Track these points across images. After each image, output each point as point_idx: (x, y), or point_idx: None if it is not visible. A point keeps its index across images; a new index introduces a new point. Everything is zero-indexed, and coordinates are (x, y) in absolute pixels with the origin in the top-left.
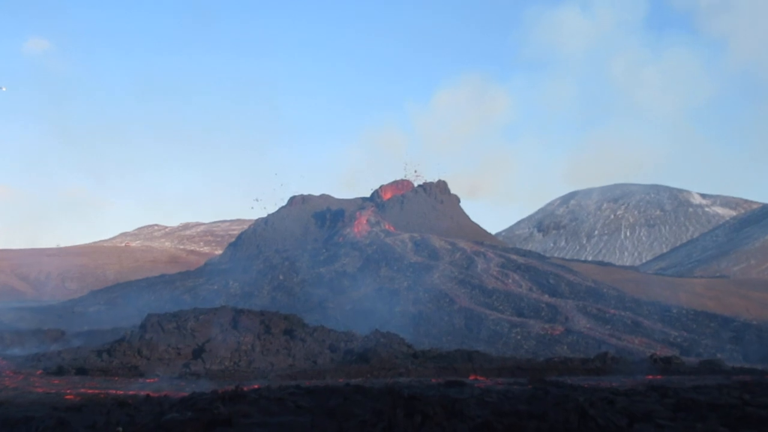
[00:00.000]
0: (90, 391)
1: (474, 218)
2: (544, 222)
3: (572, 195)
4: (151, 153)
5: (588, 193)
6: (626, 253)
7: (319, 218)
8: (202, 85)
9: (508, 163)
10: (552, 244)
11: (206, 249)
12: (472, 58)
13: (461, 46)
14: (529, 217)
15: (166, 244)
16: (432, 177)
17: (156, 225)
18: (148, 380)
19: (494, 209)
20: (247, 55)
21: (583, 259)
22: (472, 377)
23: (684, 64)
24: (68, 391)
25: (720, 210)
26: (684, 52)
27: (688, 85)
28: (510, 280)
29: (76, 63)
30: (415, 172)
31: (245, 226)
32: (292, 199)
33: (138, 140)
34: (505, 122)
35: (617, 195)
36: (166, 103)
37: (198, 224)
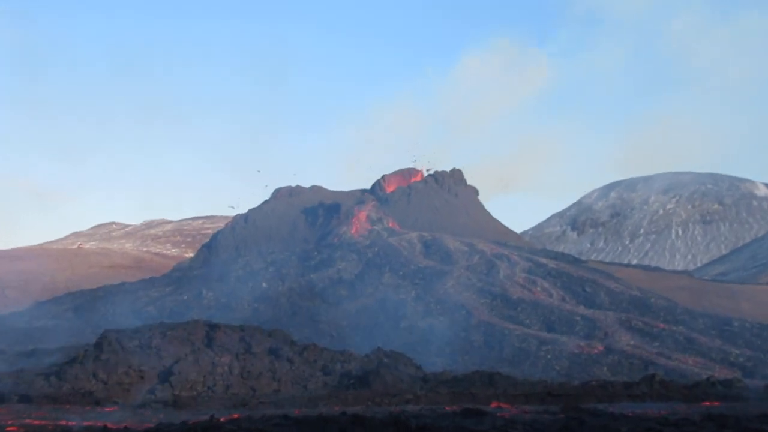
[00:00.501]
0: (36, 422)
1: (496, 214)
2: (579, 218)
3: (613, 186)
4: (112, 135)
5: (632, 183)
6: (678, 256)
7: (309, 214)
8: (182, 56)
9: (545, 148)
10: (589, 245)
11: (174, 251)
12: (504, 18)
13: (490, 2)
14: (562, 213)
15: (127, 245)
16: (454, 165)
17: (114, 223)
18: (105, 409)
19: (521, 203)
20: (236, 17)
21: (626, 262)
22: (493, 405)
23: (759, 29)
24: (10, 423)
25: None
26: (759, 15)
27: (761, 55)
28: (538, 289)
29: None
30: (427, 165)
31: (221, 225)
32: (278, 192)
33: (93, 119)
34: (543, 97)
35: (667, 185)
36: (136, 77)
37: (164, 222)
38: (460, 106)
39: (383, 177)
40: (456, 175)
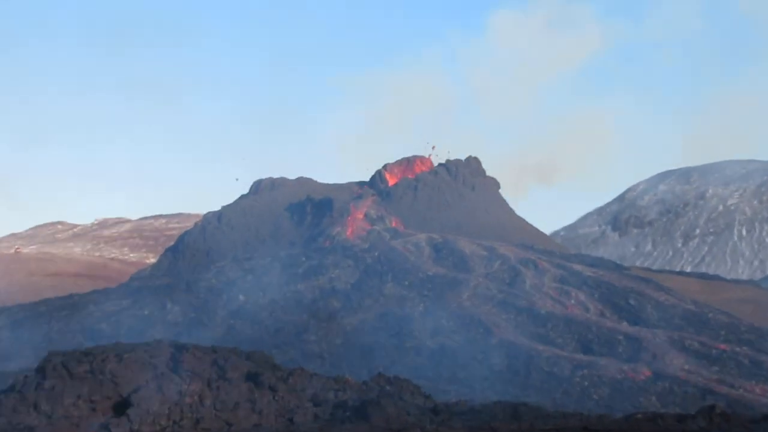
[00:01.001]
0: None
1: (521, 211)
2: (621, 216)
3: (663, 177)
4: (56, 115)
5: (686, 174)
6: (741, 262)
7: (296, 212)
8: (158, 23)
9: (588, 131)
10: (633, 249)
11: (133, 256)
12: None
13: None
14: (600, 210)
15: (75, 249)
16: (471, 153)
17: (60, 222)
18: None
19: (552, 199)
20: None
21: (678, 269)
22: None
23: None
24: None
25: None
26: None
27: None
28: (572, 301)
29: None
30: (437, 153)
31: (189, 224)
32: (258, 185)
33: (34, 95)
34: (588, 69)
35: (729, 177)
36: (80, 48)
37: (121, 221)
38: (483, 79)
39: (385, 166)
40: (473, 164)
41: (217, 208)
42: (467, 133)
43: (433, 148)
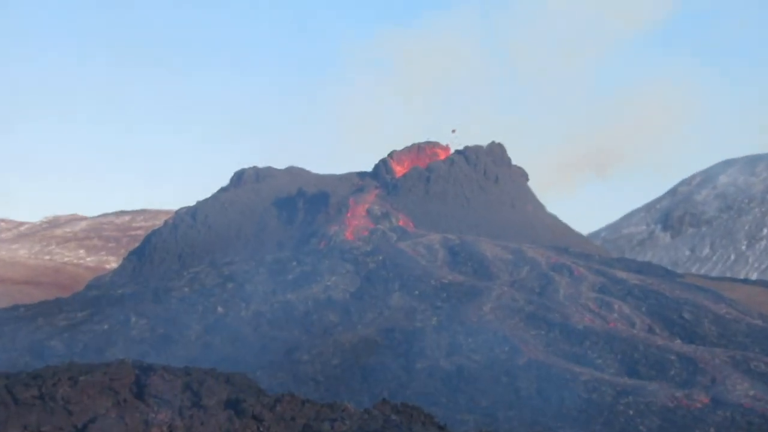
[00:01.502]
0: None
1: (553, 208)
2: (673, 214)
3: (724, 166)
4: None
5: (750, 162)
6: None
7: (285, 208)
8: None
9: (650, 110)
10: (688, 252)
11: (91, 260)
12: None
13: None
14: (649, 207)
15: (20, 252)
16: (496, 138)
17: (2, 220)
18: None
19: (591, 192)
20: None
21: (742, 277)
22: None
23: None
24: None
25: None
26: None
27: None
28: (615, 315)
29: None
30: (455, 138)
31: (158, 222)
32: (240, 176)
33: None
34: (654, 35)
35: None
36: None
37: (75, 218)
38: (517, 49)
39: (391, 154)
40: (496, 151)
41: (191, 203)
42: (498, 115)
43: (454, 131)
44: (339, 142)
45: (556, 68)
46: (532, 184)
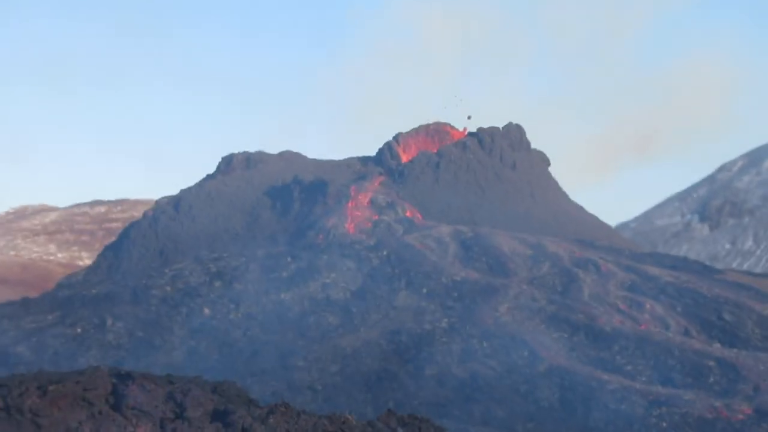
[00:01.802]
0: None
1: (577, 197)
2: (712, 202)
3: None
4: None
5: None
6: None
7: (278, 197)
8: None
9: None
10: (728, 245)
11: (62, 256)
12: None
13: None
14: (684, 195)
15: None
16: (513, 119)
17: None
18: None
19: (620, 180)
20: None
21: None
22: None
23: None
24: None
25: None
26: None
27: None
28: (647, 316)
29: None
30: (469, 119)
31: (136, 214)
32: (229, 161)
33: None
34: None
35: None
36: None
37: (45, 208)
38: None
39: (397, 137)
40: (514, 133)
41: (173, 191)
42: (522, 92)
43: (469, 118)
44: (339, 124)
45: (592, 43)
46: (563, 169)
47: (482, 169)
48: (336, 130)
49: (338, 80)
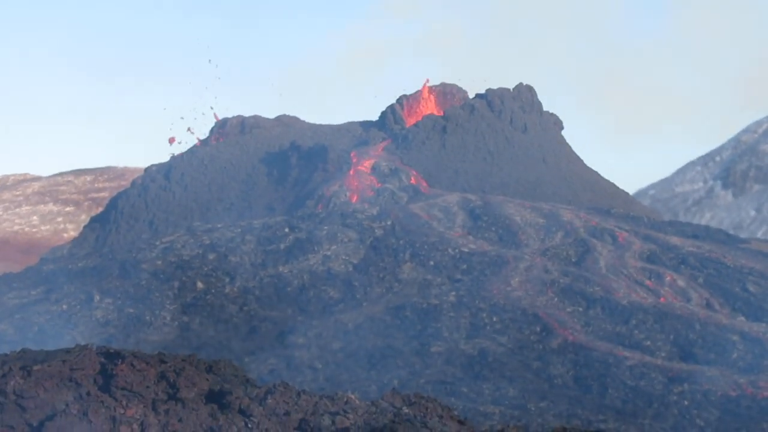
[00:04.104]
0: None
1: (591, 161)
2: (735, 168)
3: None
4: None
5: None
6: None
7: (275, 164)
8: None
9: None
10: (753, 213)
11: (45, 229)
12: None
13: None
14: (705, 159)
15: None
16: (523, 79)
17: None
18: None
19: (637, 144)
20: None
21: None
22: None
23: None
24: None
25: None
26: None
27: None
28: (666, 288)
29: None
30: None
31: (125, 183)
32: (223, 126)
33: None
34: None
35: None
36: None
37: (27, 178)
38: None
39: (401, 99)
40: (525, 94)
41: (163, 158)
42: (534, 49)
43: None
44: (339, 86)
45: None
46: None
47: (491, 133)
48: (336, 91)
49: (340, 36)
